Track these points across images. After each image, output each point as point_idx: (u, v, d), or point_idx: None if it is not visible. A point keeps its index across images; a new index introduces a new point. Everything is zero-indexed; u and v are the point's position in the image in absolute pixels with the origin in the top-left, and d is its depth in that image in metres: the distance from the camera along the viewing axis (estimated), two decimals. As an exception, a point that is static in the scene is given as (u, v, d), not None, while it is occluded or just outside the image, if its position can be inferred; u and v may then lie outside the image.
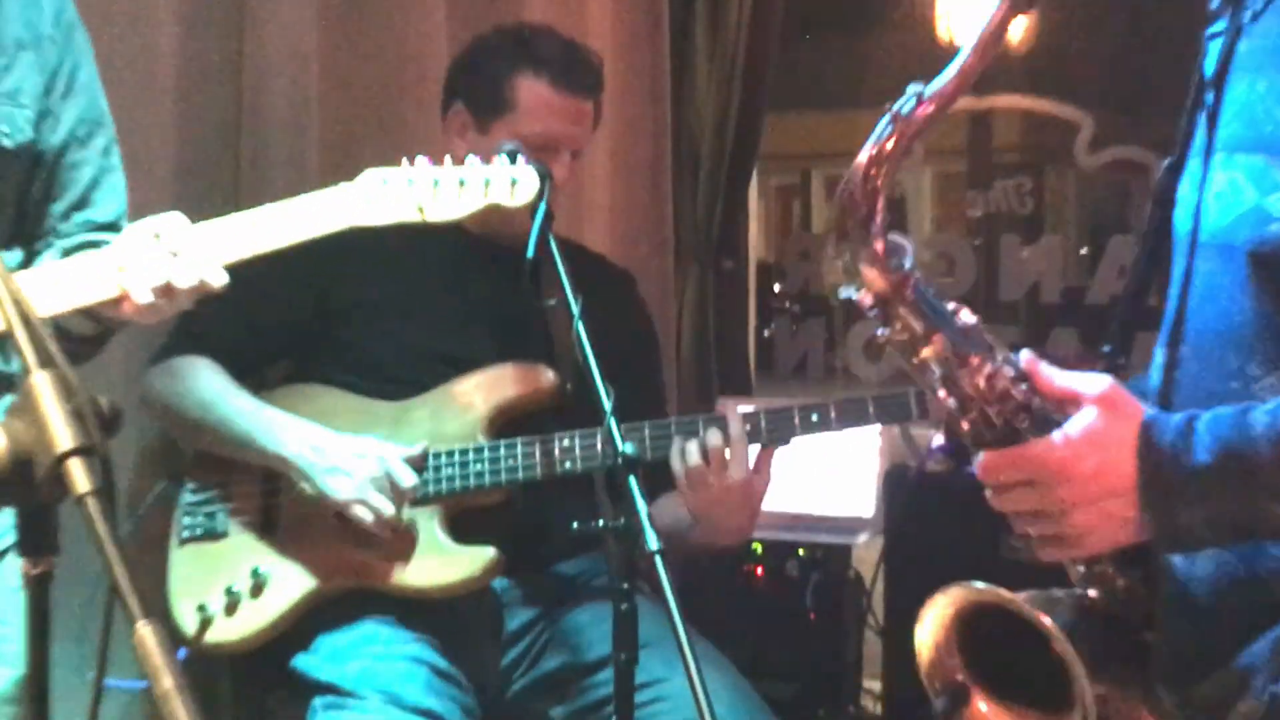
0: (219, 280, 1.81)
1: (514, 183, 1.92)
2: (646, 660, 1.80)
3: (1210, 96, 1.39)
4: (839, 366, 5.05)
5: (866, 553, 3.44)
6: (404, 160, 1.90)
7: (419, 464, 2.25)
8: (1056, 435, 1.26)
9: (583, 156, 2.51)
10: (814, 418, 2.29)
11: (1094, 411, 1.26)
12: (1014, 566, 1.37)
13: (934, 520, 3.19)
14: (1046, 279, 4.57)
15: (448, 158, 1.92)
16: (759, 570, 3.38)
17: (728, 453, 2.23)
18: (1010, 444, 1.29)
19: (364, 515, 2.20)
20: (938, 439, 3.30)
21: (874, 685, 3.50)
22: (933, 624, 1.40)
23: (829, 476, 3.44)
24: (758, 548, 3.38)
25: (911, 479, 3.27)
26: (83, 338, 1.89)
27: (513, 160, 1.94)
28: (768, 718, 2.25)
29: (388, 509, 2.20)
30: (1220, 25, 1.41)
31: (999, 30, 1.30)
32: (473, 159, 1.93)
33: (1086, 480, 1.24)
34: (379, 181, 1.88)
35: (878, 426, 3.07)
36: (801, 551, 3.35)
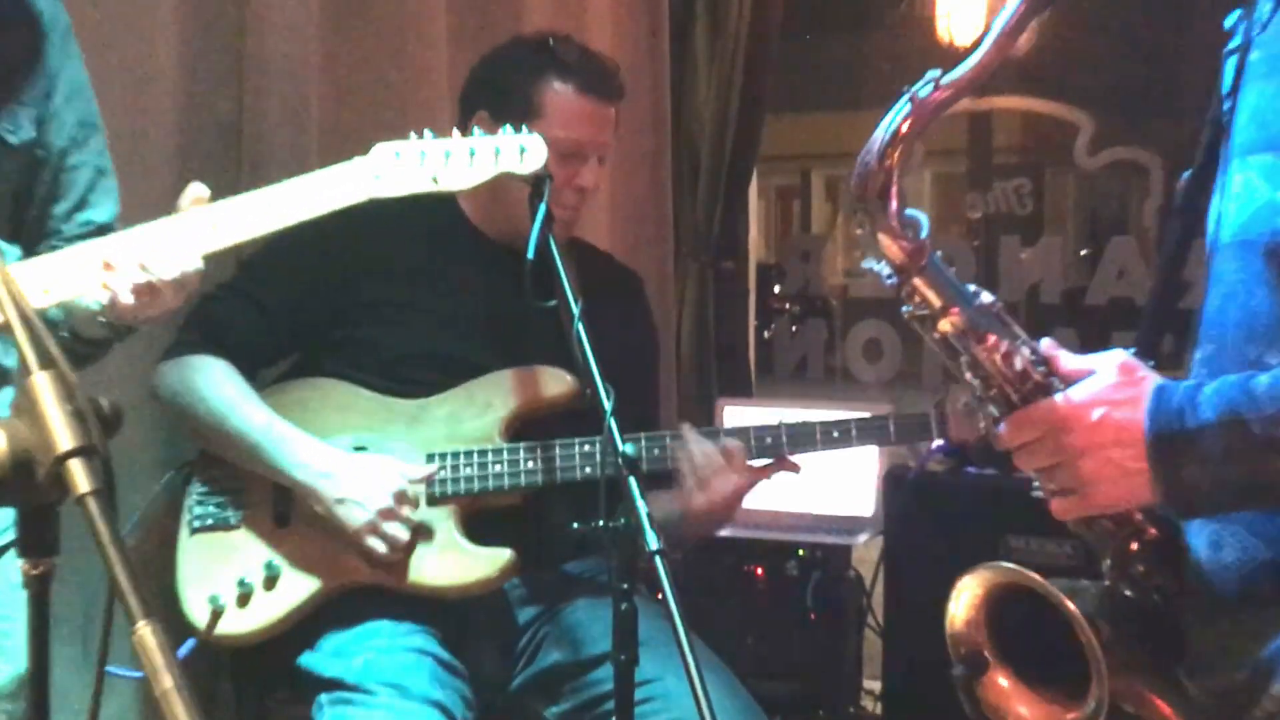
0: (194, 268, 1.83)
1: (523, 150, 1.95)
2: (641, 658, 1.81)
3: (1226, 110, 1.43)
4: (839, 367, 5.06)
5: (866, 553, 3.45)
6: (411, 134, 1.92)
7: (427, 482, 2.27)
8: (1059, 393, 1.33)
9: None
10: (835, 434, 2.37)
11: (1107, 373, 1.32)
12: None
13: (934, 520, 3.20)
14: (1046, 280, 4.57)
15: (455, 130, 1.95)
16: (759, 570, 3.38)
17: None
18: None
19: (377, 546, 2.23)
20: (937, 439, 3.30)
21: (874, 685, 3.50)
22: (964, 601, 1.46)
23: (829, 476, 3.44)
24: (758, 548, 3.39)
25: (911, 479, 3.28)
26: (93, 340, 1.91)
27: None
28: (758, 716, 2.25)
29: (401, 537, 2.23)
30: (1235, 41, 1.45)
31: (1018, 26, 1.35)
32: (478, 131, 1.96)
33: (1093, 429, 1.30)
34: (391, 155, 1.90)
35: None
36: (801, 551, 3.35)
